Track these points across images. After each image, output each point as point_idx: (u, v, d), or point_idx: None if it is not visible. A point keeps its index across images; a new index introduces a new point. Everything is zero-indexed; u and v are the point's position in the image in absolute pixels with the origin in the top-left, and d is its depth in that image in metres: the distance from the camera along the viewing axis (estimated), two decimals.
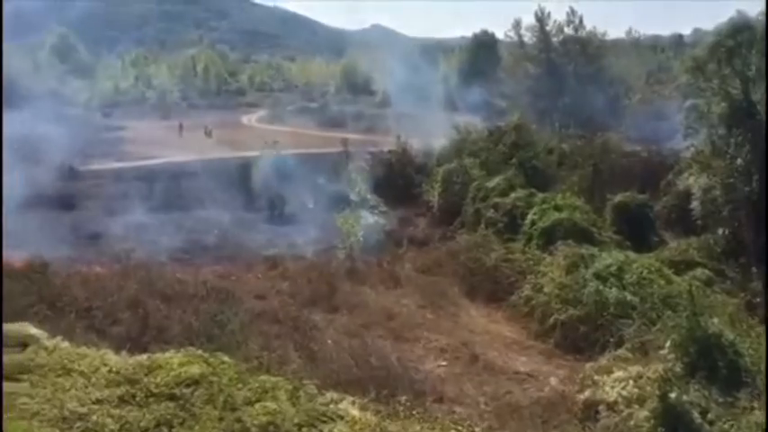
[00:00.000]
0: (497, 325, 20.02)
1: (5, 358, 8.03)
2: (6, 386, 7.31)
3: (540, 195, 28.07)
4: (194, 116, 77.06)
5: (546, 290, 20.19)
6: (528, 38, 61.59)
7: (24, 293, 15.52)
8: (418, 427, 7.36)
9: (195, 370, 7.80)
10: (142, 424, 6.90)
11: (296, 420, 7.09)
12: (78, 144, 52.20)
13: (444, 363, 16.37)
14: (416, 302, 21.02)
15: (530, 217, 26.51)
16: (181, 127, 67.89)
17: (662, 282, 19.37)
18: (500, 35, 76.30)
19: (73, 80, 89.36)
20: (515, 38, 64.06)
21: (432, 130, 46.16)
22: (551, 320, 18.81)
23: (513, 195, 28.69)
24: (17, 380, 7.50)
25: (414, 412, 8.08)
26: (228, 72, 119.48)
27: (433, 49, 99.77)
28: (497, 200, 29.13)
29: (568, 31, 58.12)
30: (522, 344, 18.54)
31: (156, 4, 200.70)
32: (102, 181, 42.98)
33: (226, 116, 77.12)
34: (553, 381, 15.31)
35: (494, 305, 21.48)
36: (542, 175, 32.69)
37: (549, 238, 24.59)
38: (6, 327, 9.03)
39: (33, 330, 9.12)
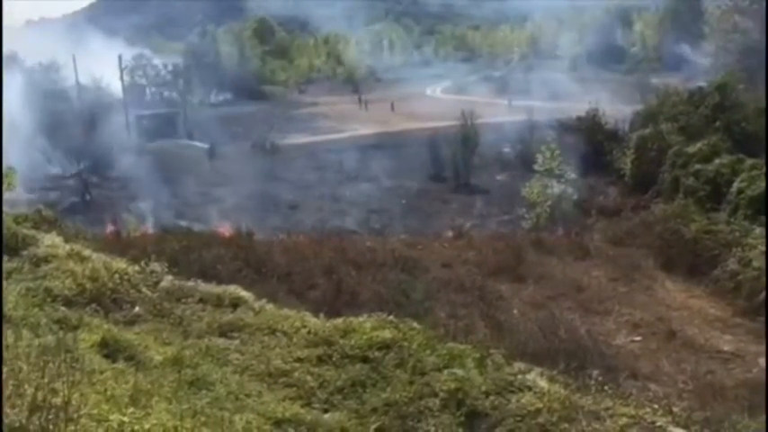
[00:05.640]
0: (698, 300, 18.72)
1: (221, 317, 8.84)
2: (221, 342, 8.07)
3: (750, 161, 25.65)
4: (381, 89, 79.27)
5: (755, 264, 18.57)
6: None
7: (234, 259, 16.98)
8: (610, 403, 7.08)
9: (386, 335, 8.09)
10: (338, 383, 7.30)
11: (483, 388, 7.12)
12: (278, 120, 56.03)
13: (638, 338, 15.64)
14: (607, 275, 20.20)
15: (736, 185, 24.41)
16: (360, 100, 70.56)
17: None
18: None
19: (272, 60, 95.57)
20: None
21: (624, 95, 43.74)
22: (761, 297, 17.27)
23: (717, 161, 26.52)
24: (230, 337, 8.24)
25: (605, 387, 7.79)
26: (414, 45, 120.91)
27: (628, 10, 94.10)
28: (698, 167, 27.07)
29: None
30: (726, 321, 17.20)
31: None
32: (298, 154, 45.66)
33: (411, 88, 78.37)
34: (762, 362, 14.05)
35: (693, 279, 20.09)
36: (753, 140, 29.79)
37: (758, 207, 22.53)
38: (220, 288, 9.93)
39: (242, 293, 9.94)
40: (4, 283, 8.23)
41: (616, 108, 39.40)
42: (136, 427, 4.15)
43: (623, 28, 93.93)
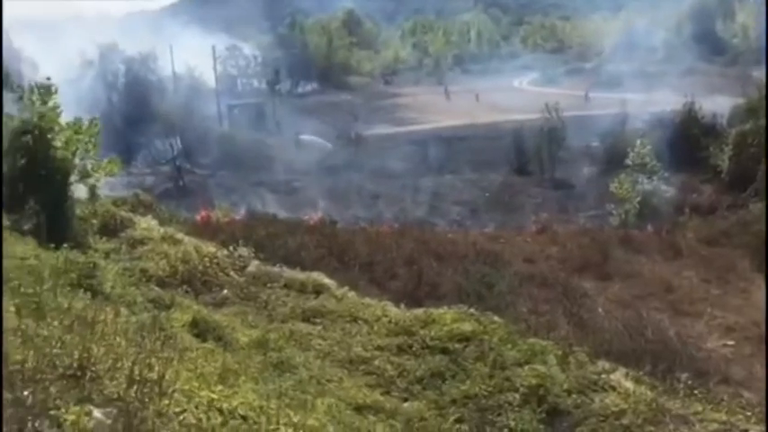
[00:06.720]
0: None
1: (305, 303, 9.04)
2: (304, 327, 8.24)
3: None
4: (467, 81, 78.55)
5: None
6: None
7: (317, 247, 17.26)
8: (700, 408, 6.82)
9: (467, 327, 8.07)
10: (418, 373, 7.34)
11: (565, 386, 7.00)
12: (363, 111, 56.57)
13: (731, 342, 14.95)
14: (699, 275, 19.36)
15: None
16: (446, 92, 70.37)
17: None
18: None
19: (358, 51, 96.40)
20: None
21: (723, 88, 41.75)
22: None
23: None
24: (313, 323, 8.41)
25: (695, 392, 7.51)
26: (501, 36, 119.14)
27: None
28: None
29: None
30: None
31: None
32: (382, 145, 45.90)
33: (497, 80, 77.28)
34: None
35: None
36: None
37: None
38: (304, 275, 10.16)
39: (325, 280, 10.14)
40: (104, 262, 8.70)
41: (714, 101, 37.62)
42: (224, 405, 4.31)
43: (724, 18, 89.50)
